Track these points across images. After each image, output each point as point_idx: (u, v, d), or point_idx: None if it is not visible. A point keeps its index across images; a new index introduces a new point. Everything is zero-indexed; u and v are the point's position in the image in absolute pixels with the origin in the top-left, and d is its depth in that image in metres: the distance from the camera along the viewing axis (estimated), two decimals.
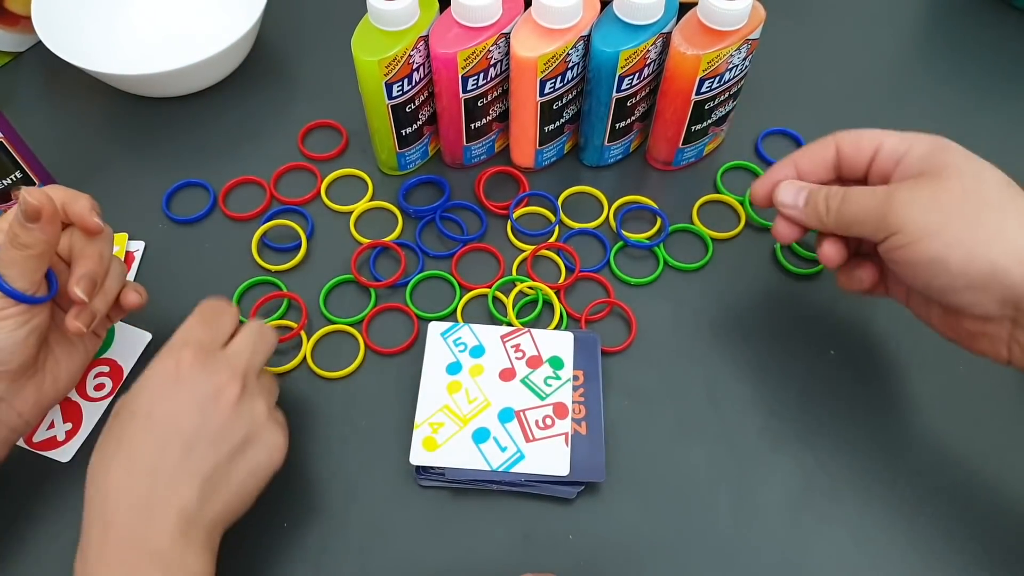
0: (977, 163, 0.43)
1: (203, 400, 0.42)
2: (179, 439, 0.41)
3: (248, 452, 0.43)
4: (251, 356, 0.45)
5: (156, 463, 0.41)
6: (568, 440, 0.49)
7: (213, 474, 0.42)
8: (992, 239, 0.40)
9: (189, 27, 0.70)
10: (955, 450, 0.51)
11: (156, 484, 0.40)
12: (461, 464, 0.48)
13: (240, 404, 0.43)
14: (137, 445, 0.41)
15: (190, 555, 0.40)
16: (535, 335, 0.53)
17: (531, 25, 0.53)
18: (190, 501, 0.41)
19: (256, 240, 0.59)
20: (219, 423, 0.42)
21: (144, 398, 0.43)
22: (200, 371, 0.43)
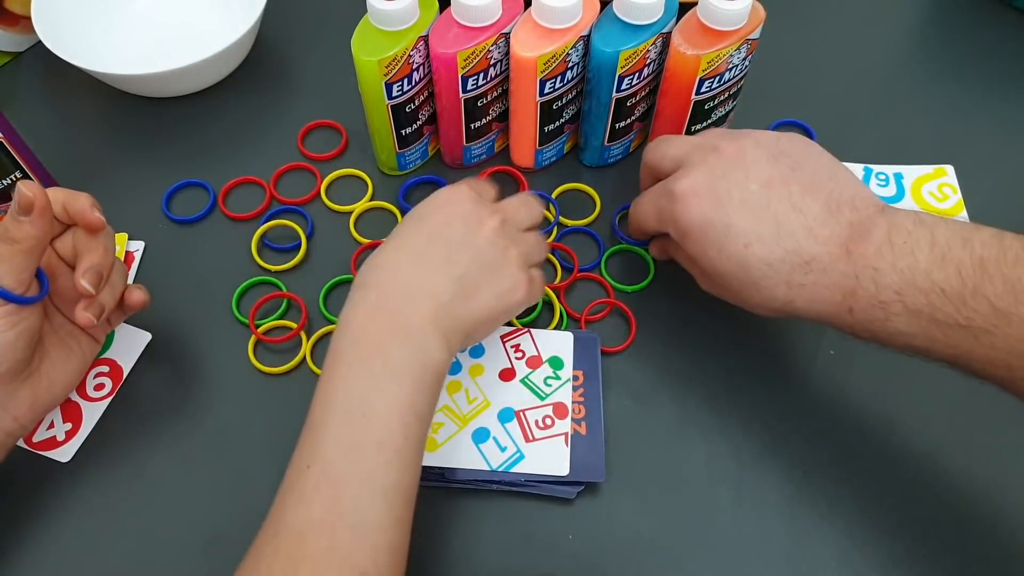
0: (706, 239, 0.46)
1: (469, 220, 0.47)
2: (444, 240, 0.46)
3: (497, 276, 0.46)
4: (515, 210, 0.50)
5: (422, 254, 0.45)
6: (568, 440, 0.49)
7: (466, 278, 0.45)
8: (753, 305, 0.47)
9: (189, 27, 0.70)
10: (955, 450, 0.51)
11: (420, 270, 0.45)
12: (461, 464, 0.48)
13: (498, 236, 0.47)
14: (409, 239, 0.47)
15: (433, 340, 0.43)
16: (535, 335, 0.53)
17: (531, 25, 0.53)
18: (445, 292, 0.44)
19: (256, 240, 0.59)
20: (479, 241, 0.46)
21: (421, 209, 0.48)
22: (470, 202, 0.47)
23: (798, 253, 0.43)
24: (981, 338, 0.39)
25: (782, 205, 0.44)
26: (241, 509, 0.49)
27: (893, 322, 0.41)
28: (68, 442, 0.51)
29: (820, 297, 0.43)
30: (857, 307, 0.42)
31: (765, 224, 0.44)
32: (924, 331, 0.41)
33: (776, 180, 0.45)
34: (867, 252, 0.42)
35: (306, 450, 0.41)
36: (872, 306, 0.42)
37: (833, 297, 0.43)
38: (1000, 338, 0.39)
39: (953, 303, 0.39)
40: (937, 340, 0.41)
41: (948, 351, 0.41)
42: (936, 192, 0.61)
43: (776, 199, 0.44)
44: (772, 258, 0.44)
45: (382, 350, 0.42)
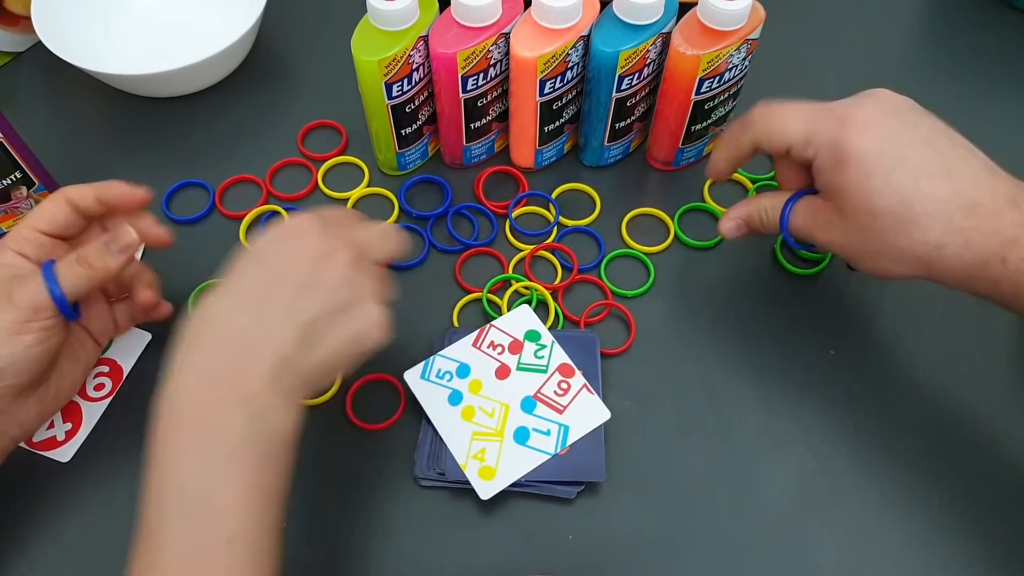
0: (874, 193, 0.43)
1: (317, 254, 0.42)
2: (289, 280, 0.41)
3: (351, 315, 0.42)
4: (367, 240, 0.45)
5: (261, 297, 0.40)
6: (590, 389, 0.50)
7: (315, 322, 0.40)
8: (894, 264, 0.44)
9: (189, 27, 0.70)
10: (955, 450, 0.51)
11: (258, 319, 0.39)
12: (524, 470, 0.48)
13: (349, 271, 0.42)
14: (246, 280, 0.41)
15: (278, 406, 0.38)
16: (497, 324, 0.53)
17: (531, 25, 0.53)
18: (288, 343, 0.39)
19: (243, 231, 0.59)
20: (328, 279, 0.41)
21: (261, 244, 0.43)
22: (319, 231, 0.42)
23: (966, 195, 0.42)
24: None
25: (952, 150, 0.43)
26: None
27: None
28: (68, 442, 0.51)
29: (976, 243, 0.41)
30: (1012, 257, 0.41)
31: (937, 162, 0.43)
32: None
33: (940, 130, 0.44)
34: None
35: (143, 560, 0.36)
36: (1018, 272, 0.40)
37: (990, 244, 0.41)
38: None
39: None
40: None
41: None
42: None
43: (946, 144, 0.44)
44: (941, 194, 0.42)
45: (217, 426, 0.37)
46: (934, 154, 0.43)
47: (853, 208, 0.44)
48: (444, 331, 0.54)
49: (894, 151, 0.43)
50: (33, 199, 0.58)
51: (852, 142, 0.43)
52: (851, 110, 0.44)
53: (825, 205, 0.46)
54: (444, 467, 0.48)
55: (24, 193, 0.57)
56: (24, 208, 0.58)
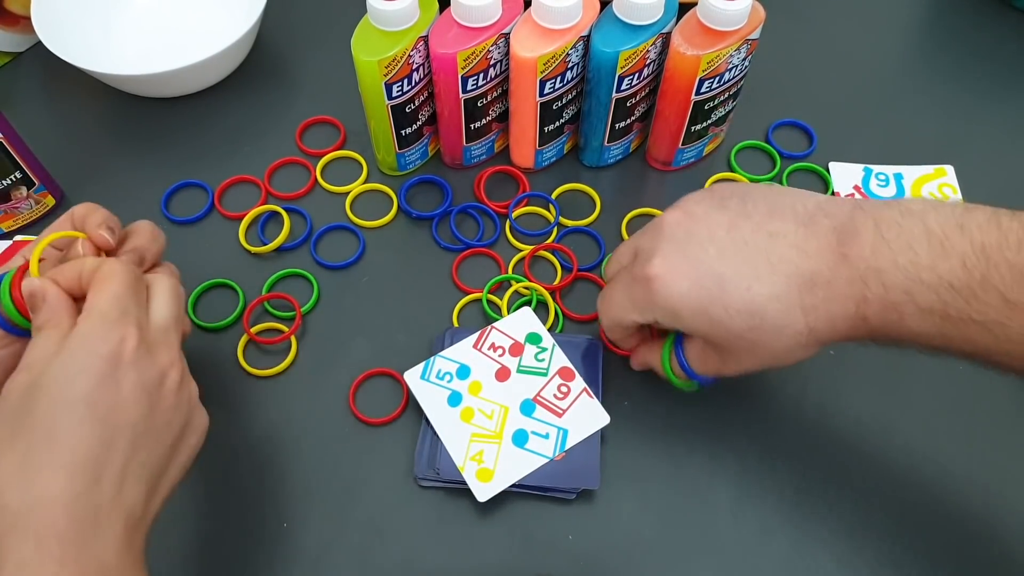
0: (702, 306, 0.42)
1: (150, 387, 0.38)
2: (127, 433, 0.37)
3: (185, 439, 0.40)
4: (177, 326, 0.41)
5: (102, 463, 0.36)
6: (590, 393, 0.50)
7: (158, 469, 0.38)
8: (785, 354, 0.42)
9: (189, 27, 0.70)
10: (955, 450, 0.51)
11: (102, 487, 0.35)
12: (523, 472, 0.48)
13: (181, 389, 0.39)
14: (80, 442, 0.35)
15: (131, 568, 0.36)
16: (498, 326, 0.53)
17: (531, 25, 0.53)
18: (137, 503, 0.37)
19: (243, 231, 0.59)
20: (164, 413, 0.38)
21: (81, 385, 0.36)
22: (144, 354, 0.38)
23: (798, 274, 0.40)
24: (996, 331, 0.37)
25: (758, 237, 0.41)
26: (235, 510, 0.49)
27: (907, 323, 0.39)
28: None
29: (836, 312, 0.40)
30: (870, 313, 0.39)
31: (754, 260, 0.41)
32: (939, 330, 0.38)
33: (737, 218, 0.42)
34: (863, 253, 0.39)
35: None
36: (885, 309, 0.39)
37: (847, 309, 0.40)
38: (1015, 330, 0.36)
39: (963, 297, 0.37)
40: (953, 338, 0.38)
41: (965, 347, 0.39)
42: (936, 192, 0.61)
43: (749, 234, 0.41)
44: (777, 289, 0.40)
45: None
46: (744, 256, 0.41)
47: (721, 342, 0.43)
48: (444, 331, 0.54)
49: (710, 280, 0.41)
50: (33, 199, 0.58)
51: (666, 299, 0.42)
52: (646, 268, 0.43)
53: (703, 346, 0.45)
54: (442, 468, 0.48)
55: (24, 193, 0.57)
56: (24, 208, 0.58)
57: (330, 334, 0.55)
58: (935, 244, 0.38)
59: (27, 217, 0.59)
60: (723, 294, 0.41)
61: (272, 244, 0.58)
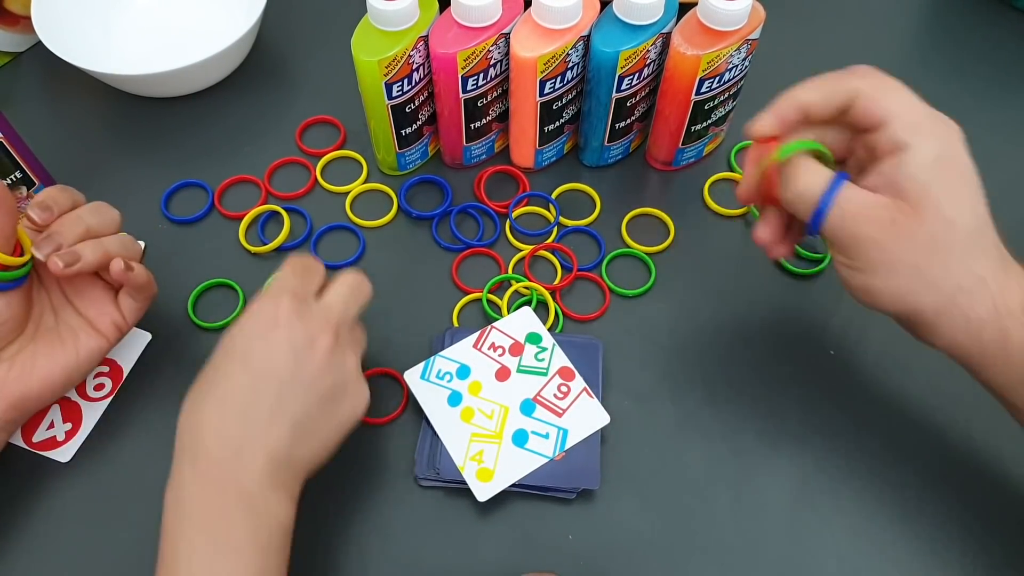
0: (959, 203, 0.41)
1: (298, 347, 0.43)
2: (273, 381, 0.42)
3: (336, 402, 0.44)
4: (344, 308, 0.46)
5: (249, 403, 0.41)
6: (590, 393, 0.50)
7: (304, 419, 0.42)
8: (924, 290, 0.41)
9: (189, 27, 0.70)
10: (954, 450, 0.51)
11: (248, 424, 0.41)
12: (523, 472, 0.48)
13: (332, 354, 0.44)
14: (232, 385, 0.42)
15: (274, 500, 0.41)
16: (498, 326, 0.53)
17: (531, 25, 0.53)
18: (280, 443, 0.41)
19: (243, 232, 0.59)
20: (312, 370, 0.43)
21: (241, 340, 0.43)
22: (296, 319, 0.43)
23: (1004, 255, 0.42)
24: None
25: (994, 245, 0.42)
26: None
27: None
28: (68, 442, 0.51)
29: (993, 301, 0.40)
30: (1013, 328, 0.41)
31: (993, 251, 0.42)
32: None
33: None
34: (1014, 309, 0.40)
35: None
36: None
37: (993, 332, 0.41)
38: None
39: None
40: None
41: None
42: None
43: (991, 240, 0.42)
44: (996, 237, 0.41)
45: (222, 524, 0.40)
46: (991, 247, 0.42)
47: (934, 211, 0.39)
48: (444, 331, 0.54)
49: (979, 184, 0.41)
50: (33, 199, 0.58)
51: (959, 149, 0.41)
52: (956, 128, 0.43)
53: (889, 202, 0.40)
54: (442, 468, 0.48)
55: (24, 193, 0.57)
56: (24, 208, 0.58)
57: None
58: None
59: None
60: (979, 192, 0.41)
61: (272, 244, 0.58)
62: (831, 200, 0.41)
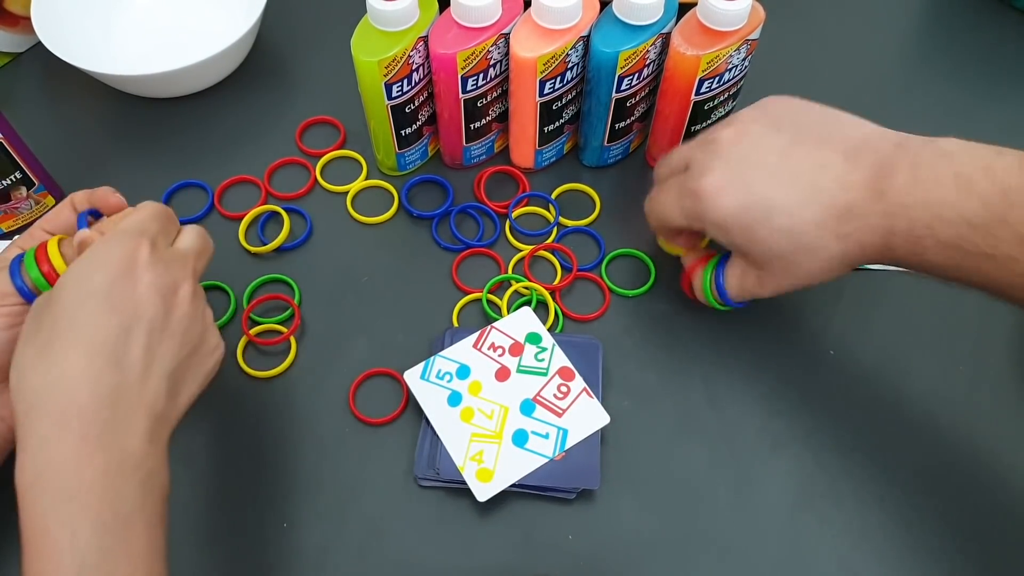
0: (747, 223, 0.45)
1: (165, 290, 0.39)
2: (144, 326, 0.38)
3: (201, 353, 0.41)
4: (197, 258, 0.44)
5: (122, 349, 0.37)
6: (589, 393, 0.50)
7: (176, 370, 0.39)
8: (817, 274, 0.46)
9: (189, 27, 0.70)
10: (954, 450, 0.51)
11: (123, 373, 0.37)
12: (523, 472, 0.48)
13: (195, 302, 0.41)
14: (99, 327, 0.37)
15: (157, 461, 0.37)
16: (498, 326, 0.53)
17: (531, 25, 0.53)
18: (158, 397, 0.38)
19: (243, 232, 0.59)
20: (179, 317, 0.40)
21: (99, 280, 0.38)
22: (160, 262, 0.40)
23: (836, 205, 0.43)
24: (1008, 265, 0.39)
25: (806, 165, 0.44)
26: (239, 514, 0.49)
27: (927, 255, 0.42)
28: None
29: (866, 241, 0.43)
30: (896, 244, 0.42)
31: (800, 188, 0.44)
32: (955, 263, 0.41)
33: (789, 145, 0.45)
34: (896, 189, 0.42)
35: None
36: (908, 242, 0.42)
37: (875, 239, 0.43)
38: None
39: (979, 234, 0.40)
40: (969, 271, 0.41)
41: (978, 279, 0.41)
42: None
43: (798, 162, 0.44)
44: (817, 217, 0.43)
45: (106, 495, 0.35)
46: (792, 183, 0.44)
47: (760, 258, 0.46)
48: (444, 331, 0.54)
49: (759, 201, 0.44)
50: (33, 199, 0.58)
51: (716, 213, 0.45)
52: (699, 182, 0.46)
53: (743, 264, 0.48)
54: (442, 468, 0.48)
55: (24, 193, 0.57)
56: (24, 208, 0.58)
57: (330, 334, 0.55)
58: (961, 184, 0.40)
59: (27, 217, 0.59)
60: (769, 217, 0.44)
61: (272, 244, 0.58)
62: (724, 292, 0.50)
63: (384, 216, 0.60)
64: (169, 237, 0.44)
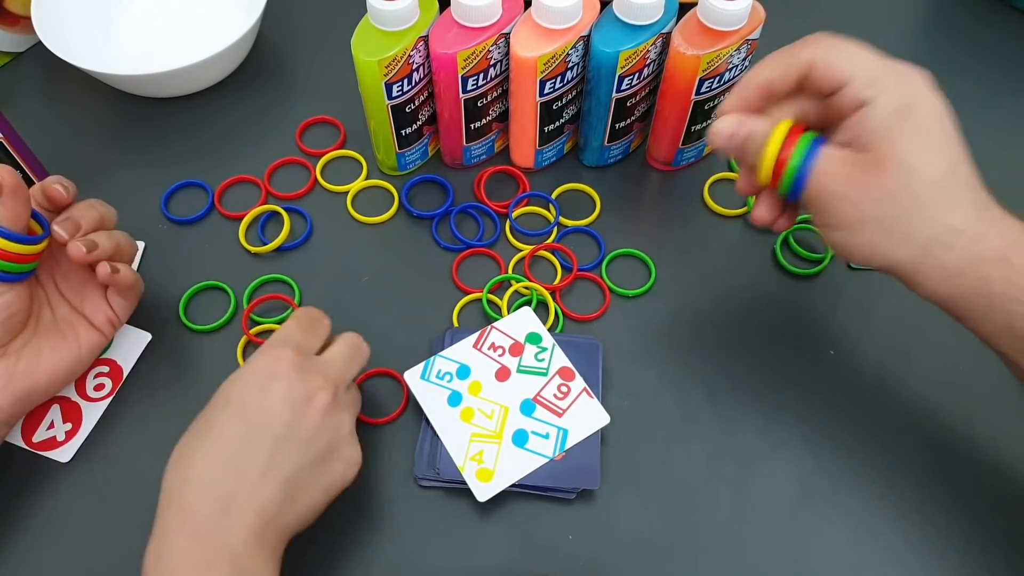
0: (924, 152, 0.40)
1: (296, 402, 0.42)
2: (268, 435, 0.41)
3: (329, 463, 0.43)
4: (344, 367, 0.45)
5: (242, 456, 0.40)
6: (590, 393, 0.50)
7: (295, 478, 0.41)
8: (897, 243, 0.41)
9: (189, 27, 0.70)
10: (954, 450, 0.51)
11: (239, 478, 0.40)
12: (523, 472, 0.48)
13: (329, 413, 0.43)
14: (224, 436, 0.41)
15: (260, 560, 0.39)
16: (498, 326, 0.53)
17: (531, 25, 0.53)
18: (270, 502, 0.40)
19: (242, 232, 0.59)
20: (308, 427, 0.42)
21: (238, 390, 0.42)
22: (296, 372, 0.42)
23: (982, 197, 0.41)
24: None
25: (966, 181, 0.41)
26: None
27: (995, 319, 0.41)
28: (68, 442, 0.51)
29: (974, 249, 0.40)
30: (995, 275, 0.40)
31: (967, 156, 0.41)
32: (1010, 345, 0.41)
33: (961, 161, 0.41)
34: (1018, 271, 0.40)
35: None
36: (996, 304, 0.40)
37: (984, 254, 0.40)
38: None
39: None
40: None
41: None
42: None
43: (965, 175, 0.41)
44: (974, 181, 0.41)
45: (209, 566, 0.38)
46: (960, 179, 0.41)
47: (896, 163, 0.39)
48: (444, 331, 0.54)
49: (951, 126, 0.41)
50: None
51: (924, 96, 0.41)
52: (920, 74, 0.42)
53: (855, 157, 0.41)
54: (442, 468, 0.48)
55: None
56: None
57: None
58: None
59: None
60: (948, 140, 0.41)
61: (272, 244, 0.58)
62: (808, 167, 0.42)
63: (384, 216, 0.60)
64: (318, 340, 0.46)
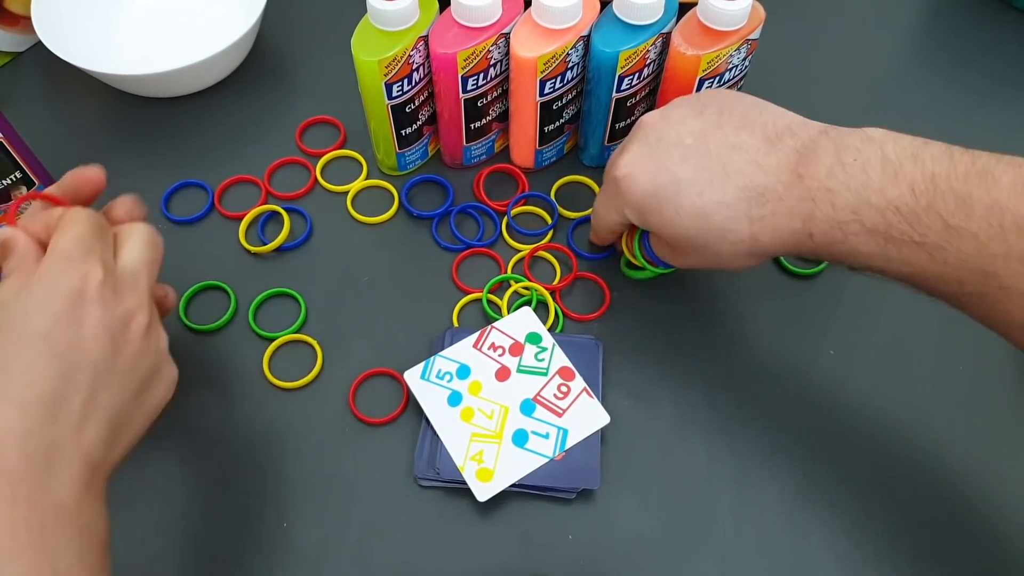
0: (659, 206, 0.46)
1: (115, 328, 0.36)
2: (87, 372, 0.35)
3: (151, 388, 0.39)
4: (151, 274, 0.40)
5: (59, 400, 0.34)
6: (590, 393, 0.50)
7: (119, 413, 0.37)
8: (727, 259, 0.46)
9: (189, 27, 0.70)
10: (955, 451, 0.51)
11: (59, 425, 0.34)
12: (523, 472, 0.48)
13: (148, 335, 0.38)
14: (34, 376, 0.34)
15: (92, 508, 0.35)
16: (498, 326, 0.53)
17: (531, 25, 0.53)
18: (97, 446, 0.35)
19: (243, 232, 0.59)
20: (129, 355, 0.37)
21: (41, 318, 0.35)
22: (110, 294, 0.37)
23: (750, 187, 0.43)
24: (934, 254, 0.39)
25: (722, 148, 0.44)
26: (235, 510, 0.49)
27: (851, 242, 0.41)
28: None
29: (782, 226, 0.42)
30: (817, 231, 0.41)
31: (711, 169, 0.44)
32: (881, 250, 0.40)
33: (708, 128, 0.45)
34: (818, 174, 0.41)
35: None
36: (831, 228, 0.41)
37: (793, 224, 0.42)
38: (952, 253, 0.38)
39: (907, 220, 0.39)
40: (893, 258, 0.40)
41: (903, 268, 0.41)
42: None
43: (714, 144, 0.44)
44: (727, 198, 0.43)
45: (43, 553, 0.33)
46: (704, 163, 0.44)
47: (672, 239, 0.47)
48: (444, 331, 0.54)
49: (668, 180, 0.45)
50: None
51: (631, 197, 0.46)
52: (614, 171, 0.47)
53: (660, 241, 0.49)
54: (442, 468, 0.48)
55: (24, 193, 0.57)
56: (24, 208, 0.58)
57: (330, 334, 0.55)
58: (888, 170, 0.40)
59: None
60: (677, 196, 0.44)
61: (272, 244, 0.58)
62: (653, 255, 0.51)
63: (384, 216, 0.60)
64: (112, 246, 0.40)
